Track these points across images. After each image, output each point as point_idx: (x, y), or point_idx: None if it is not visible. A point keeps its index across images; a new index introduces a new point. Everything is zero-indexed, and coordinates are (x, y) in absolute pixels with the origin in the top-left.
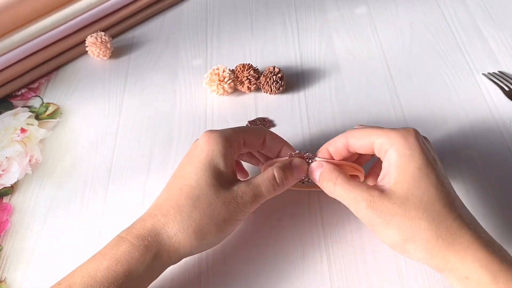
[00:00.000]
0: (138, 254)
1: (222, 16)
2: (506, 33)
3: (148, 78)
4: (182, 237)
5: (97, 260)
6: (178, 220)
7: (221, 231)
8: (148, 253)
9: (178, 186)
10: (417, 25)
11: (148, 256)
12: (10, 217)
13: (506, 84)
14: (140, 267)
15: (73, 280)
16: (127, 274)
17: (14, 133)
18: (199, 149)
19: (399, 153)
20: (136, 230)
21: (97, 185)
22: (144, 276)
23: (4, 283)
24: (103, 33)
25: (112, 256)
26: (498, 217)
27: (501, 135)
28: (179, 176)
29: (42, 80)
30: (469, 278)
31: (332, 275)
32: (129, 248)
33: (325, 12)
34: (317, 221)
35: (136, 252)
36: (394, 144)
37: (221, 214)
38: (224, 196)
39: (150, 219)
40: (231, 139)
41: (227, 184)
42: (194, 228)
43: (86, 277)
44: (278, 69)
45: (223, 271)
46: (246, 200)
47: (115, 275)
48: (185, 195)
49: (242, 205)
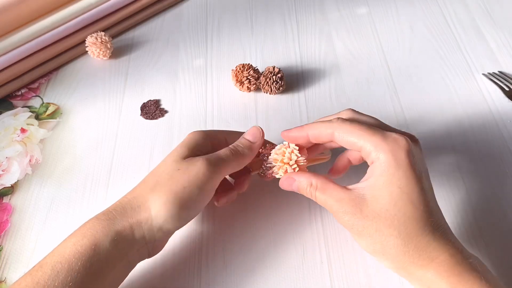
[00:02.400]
0: (101, 227)
1: (222, 16)
2: (506, 33)
3: (148, 78)
4: (143, 208)
5: (67, 239)
6: (142, 195)
7: (182, 200)
8: (111, 225)
9: (151, 171)
10: (417, 25)
11: (112, 229)
12: (10, 217)
13: (506, 84)
14: (105, 240)
15: (44, 261)
16: (94, 248)
17: (14, 133)
18: (178, 145)
19: (383, 169)
20: (106, 209)
21: (97, 185)
22: (111, 252)
23: (4, 283)
24: (103, 33)
25: (79, 232)
26: (499, 217)
27: (501, 135)
28: (155, 167)
29: (42, 80)
30: None
31: (332, 275)
32: (94, 223)
33: (325, 12)
34: (317, 221)
35: (100, 226)
36: (380, 158)
37: (179, 182)
38: (184, 165)
39: (120, 199)
40: (210, 134)
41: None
42: (154, 199)
43: (56, 255)
44: (278, 69)
45: (222, 271)
46: (204, 165)
47: (82, 249)
48: (152, 174)
49: (200, 170)
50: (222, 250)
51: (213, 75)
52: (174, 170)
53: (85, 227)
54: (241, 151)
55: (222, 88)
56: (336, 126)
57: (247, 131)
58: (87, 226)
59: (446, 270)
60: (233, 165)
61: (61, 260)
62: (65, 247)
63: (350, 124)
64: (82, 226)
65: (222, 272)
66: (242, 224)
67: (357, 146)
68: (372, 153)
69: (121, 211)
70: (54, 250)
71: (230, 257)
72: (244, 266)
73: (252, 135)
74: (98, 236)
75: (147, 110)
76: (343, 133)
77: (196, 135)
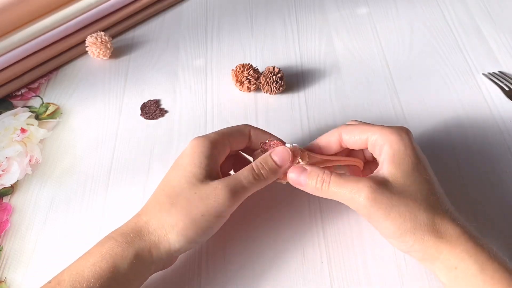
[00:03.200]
0: (120, 250)
1: (222, 16)
2: (506, 33)
3: (148, 78)
4: (161, 232)
5: (85, 258)
6: (158, 217)
7: (200, 227)
8: (130, 248)
9: (162, 188)
10: (417, 25)
11: (130, 251)
12: (10, 217)
13: (506, 84)
14: (124, 262)
15: (62, 278)
16: (112, 270)
17: (14, 133)
18: (184, 155)
19: (394, 148)
20: (121, 229)
21: (97, 185)
22: (129, 273)
23: (4, 283)
24: (103, 33)
25: (98, 253)
26: (499, 217)
27: (501, 135)
28: (164, 180)
29: (42, 80)
30: (457, 268)
31: (332, 275)
32: (113, 245)
33: (325, 12)
34: (317, 221)
35: (119, 248)
36: (389, 140)
37: (198, 209)
38: (202, 191)
39: (134, 219)
40: (215, 141)
41: (207, 181)
42: (172, 223)
43: (74, 274)
44: (278, 69)
45: (222, 271)
46: (224, 193)
47: (101, 271)
48: (166, 194)
49: (220, 199)
50: (222, 250)
51: (213, 75)
52: (191, 194)
53: (104, 248)
54: (264, 176)
55: (222, 88)
56: (342, 128)
57: (274, 150)
58: (105, 247)
59: (473, 247)
60: (253, 190)
61: (80, 280)
62: (84, 267)
63: (353, 122)
64: (100, 246)
65: (222, 272)
66: (242, 224)
67: (363, 141)
68: (379, 140)
69: (139, 234)
70: (72, 267)
71: (230, 257)
72: (244, 266)
73: (281, 158)
74: (117, 259)
75: (147, 110)
76: (349, 132)
77: (203, 148)
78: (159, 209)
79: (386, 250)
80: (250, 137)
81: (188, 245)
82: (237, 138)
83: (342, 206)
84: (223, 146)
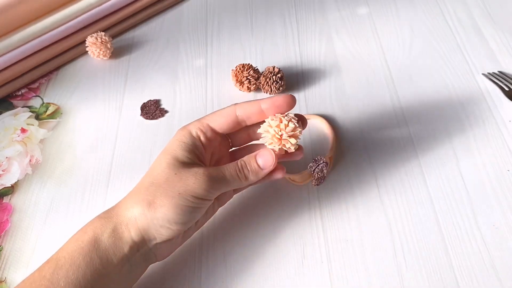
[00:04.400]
0: (100, 224)
1: (222, 16)
2: (506, 33)
3: (148, 78)
4: (137, 209)
5: (72, 236)
6: (136, 195)
7: (175, 206)
8: (108, 223)
9: (146, 173)
10: (417, 25)
11: (109, 226)
12: (10, 217)
13: (506, 84)
14: (103, 235)
15: (51, 257)
16: (93, 243)
17: (15, 133)
18: (167, 144)
19: None
20: (107, 209)
21: (98, 185)
22: (109, 246)
23: (4, 283)
24: (103, 33)
25: (82, 229)
26: (499, 216)
27: (501, 135)
28: (150, 168)
29: (43, 80)
30: None
31: (332, 275)
32: (95, 220)
33: (325, 12)
34: (317, 221)
35: (99, 222)
36: None
37: (176, 187)
38: (182, 173)
39: (120, 200)
40: (193, 127)
41: (189, 166)
42: (148, 201)
43: (61, 251)
44: (278, 69)
45: (222, 271)
46: (204, 178)
47: (83, 244)
48: (147, 176)
49: (199, 182)
50: (222, 250)
51: (213, 75)
52: (171, 174)
53: (87, 224)
54: (246, 175)
55: (222, 88)
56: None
57: (259, 152)
58: (89, 223)
59: None
60: (234, 185)
61: (65, 255)
62: (69, 243)
63: None
64: (85, 224)
65: (222, 271)
66: (242, 224)
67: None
68: None
69: (117, 210)
70: (61, 247)
71: (230, 256)
72: (244, 265)
73: (264, 162)
74: (97, 232)
75: (147, 110)
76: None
77: (182, 136)
78: (139, 188)
79: (386, 250)
80: (238, 116)
81: (169, 226)
82: (218, 117)
83: (342, 206)
84: (202, 128)
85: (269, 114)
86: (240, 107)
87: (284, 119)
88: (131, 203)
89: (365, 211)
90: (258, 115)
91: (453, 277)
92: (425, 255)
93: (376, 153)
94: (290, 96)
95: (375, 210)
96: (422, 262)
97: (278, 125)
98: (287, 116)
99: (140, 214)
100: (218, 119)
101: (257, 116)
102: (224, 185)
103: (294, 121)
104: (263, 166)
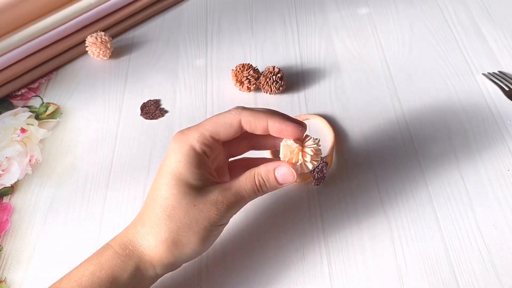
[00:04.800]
0: (120, 262)
1: (222, 16)
2: (506, 33)
3: (148, 78)
4: (162, 248)
5: (83, 266)
6: (156, 232)
7: (202, 240)
8: (129, 261)
9: (153, 197)
10: (417, 25)
11: (130, 265)
12: (10, 217)
13: (506, 84)
14: (123, 274)
15: (61, 285)
16: (111, 281)
17: (14, 133)
18: (167, 160)
19: None
20: (120, 238)
21: (97, 185)
22: (128, 285)
23: (4, 283)
24: (103, 33)
25: (97, 262)
26: (499, 216)
27: (501, 135)
28: (153, 187)
29: (42, 80)
30: None
31: (332, 275)
32: (112, 255)
33: (325, 12)
34: (317, 221)
35: (119, 260)
36: None
37: (200, 222)
38: (202, 203)
39: (132, 229)
40: (196, 142)
41: (203, 190)
42: (173, 239)
43: (73, 282)
44: (278, 69)
45: (223, 271)
46: (226, 205)
47: (99, 281)
48: (160, 206)
49: (222, 211)
50: (222, 250)
51: (213, 75)
52: (190, 206)
53: (103, 258)
54: (264, 191)
55: (222, 88)
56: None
57: (278, 168)
58: (104, 256)
59: None
60: (251, 200)
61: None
62: (83, 275)
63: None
64: (99, 255)
65: (222, 272)
66: (242, 224)
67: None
68: None
69: (137, 247)
70: (71, 275)
71: (230, 257)
72: (244, 266)
73: (284, 178)
74: (116, 270)
75: (147, 110)
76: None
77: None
78: (156, 222)
79: (386, 250)
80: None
81: (195, 256)
82: (223, 131)
83: (342, 206)
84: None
85: (276, 134)
86: (244, 119)
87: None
88: (153, 241)
89: (365, 211)
90: (262, 131)
91: (453, 277)
92: (425, 255)
93: (376, 153)
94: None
95: (375, 210)
96: (422, 262)
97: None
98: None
99: (166, 253)
100: (221, 130)
101: (261, 132)
102: (242, 205)
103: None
104: (282, 182)
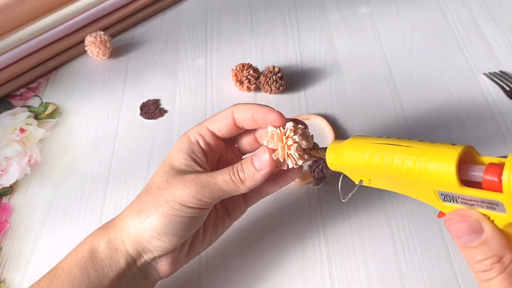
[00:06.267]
0: (98, 235)
1: (222, 16)
2: (507, 32)
3: (147, 78)
4: (128, 218)
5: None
6: (131, 206)
7: (163, 215)
8: (105, 234)
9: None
10: (418, 25)
11: (106, 237)
12: (9, 217)
13: (507, 83)
14: (99, 245)
15: (54, 266)
16: (90, 255)
17: (13, 133)
18: (168, 153)
19: None
20: None
21: (97, 185)
22: (106, 259)
23: (3, 283)
24: (102, 33)
25: (83, 240)
26: None
27: (502, 135)
28: None
29: (41, 79)
30: None
31: (332, 275)
32: (94, 231)
33: (325, 12)
34: (317, 221)
35: (97, 233)
36: None
37: (164, 196)
38: (173, 180)
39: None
40: (191, 131)
41: (184, 172)
42: (139, 209)
43: (62, 262)
44: (278, 68)
45: (222, 271)
46: (195, 184)
47: (80, 255)
48: (144, 186)
49: (190, 189)
50: (222, 251)
51: (213, 75)
52: (163, 182)
53: (88, 235)
54: (242, 179)
55: (222, 87)
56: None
57: (256, 153)
58: (90, 234)
59: None
60: (231, 192)
61: (63, 266)
62: (69, 254)
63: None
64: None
65: (222, 272)
66: (242, 225)
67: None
68: None
69: (115, 220)
70: (63, 258)
71: (230, 257)
72: (244, 266)
73: (260, 162)
74: (94, 243)
75: (146, 109)
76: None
77: (180, 143)
78: (135, 199)
79: (386, 250)
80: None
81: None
82: (217, 121)
83: (342, 206)
84: (202, 134)
85: (261, 124)
86: (236, 110)
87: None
88: (126, 213)
89: (365, 210)
90: (251, 121)
91: (453, 277)
92: (426, 254)
93: None
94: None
95: (375, 209)
96: (423, 261)
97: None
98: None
99: (131, 224)
100: (217, 122)
101: (250, 122)
102: (217, 192)
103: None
104: (259, 168)
